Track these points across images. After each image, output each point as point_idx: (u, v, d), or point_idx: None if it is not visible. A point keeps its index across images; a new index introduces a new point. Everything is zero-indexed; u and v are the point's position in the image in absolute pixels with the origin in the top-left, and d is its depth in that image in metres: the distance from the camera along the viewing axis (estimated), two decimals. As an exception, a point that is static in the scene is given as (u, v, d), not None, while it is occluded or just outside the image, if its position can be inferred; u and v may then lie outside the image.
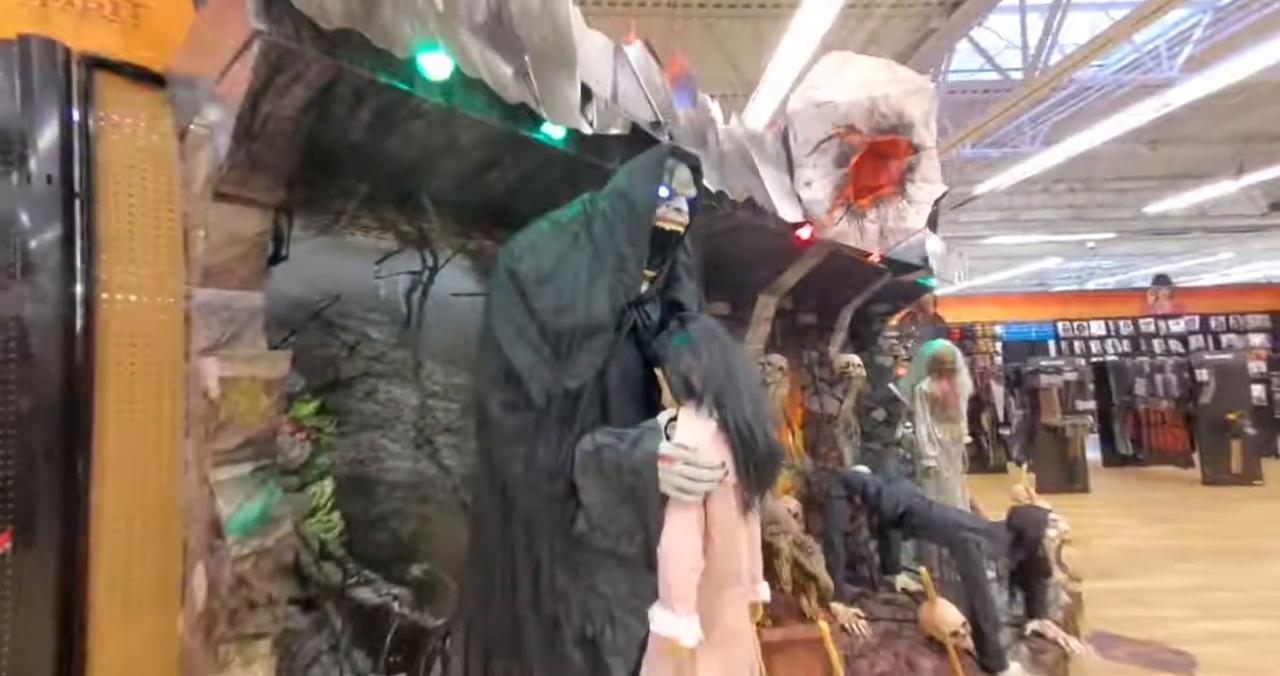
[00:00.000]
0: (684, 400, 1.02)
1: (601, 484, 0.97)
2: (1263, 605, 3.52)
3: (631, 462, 0.95)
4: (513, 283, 1.06)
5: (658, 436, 0.97)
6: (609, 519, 1.00)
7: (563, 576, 1.02)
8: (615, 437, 0.99)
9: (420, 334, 1.63)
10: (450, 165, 1.46)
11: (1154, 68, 4.71)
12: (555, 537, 1.01)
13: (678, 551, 0.94)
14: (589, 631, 1.01)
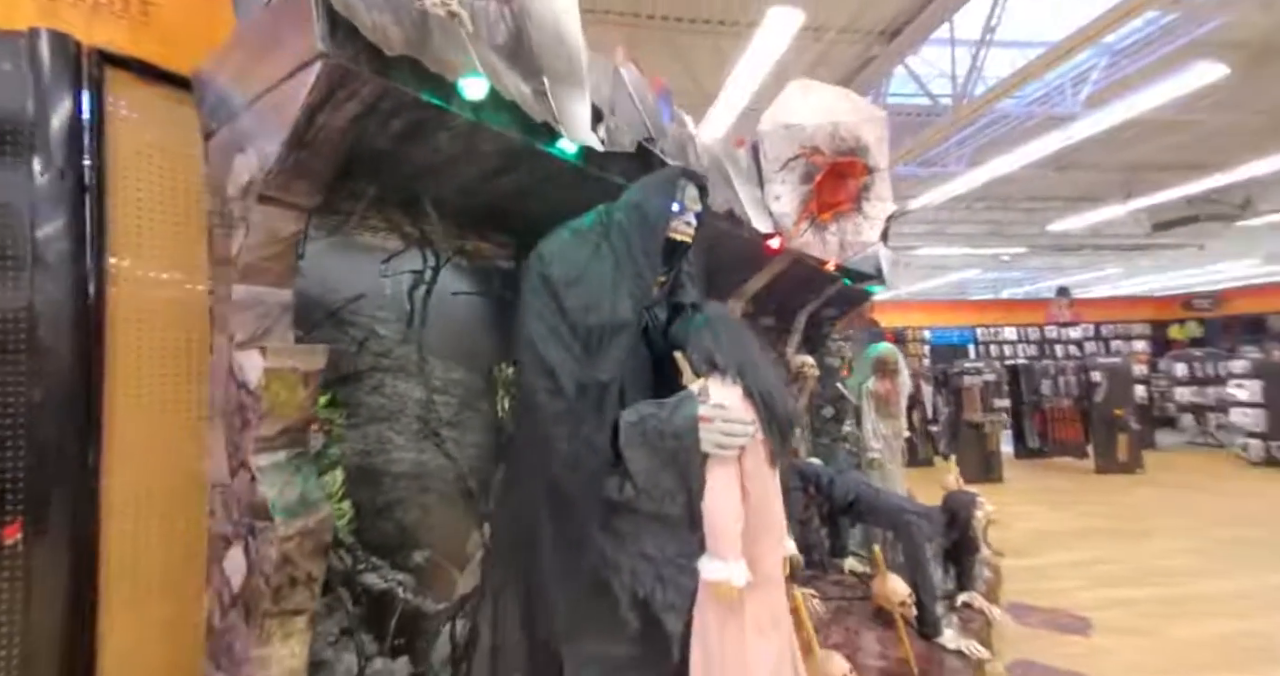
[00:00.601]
0: (708, 373, 1.18)
1: (646, 452, 1.11)
2: (1144, 575, 4.07)
3: (673, 427, 1.10)
4: (545, 287, 1.19)
5: (694, 402, 1.13)
6: (654, 483, 1.13)
7: (610, 547, 1.15)
8: (656, 407, 1.14)
9: (423, 331, 1.71)
10: (461, 172, 1.55)
11: (1060, 102, 5.32)
12: (601, 510, 1.14)
13: (722, 504, 1.09)
14: (640, 593, 1.14)
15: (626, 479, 1.14)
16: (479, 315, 1.88)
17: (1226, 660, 2.78)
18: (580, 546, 1.15)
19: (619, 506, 1.16)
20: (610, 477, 1.14)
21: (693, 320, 1.24)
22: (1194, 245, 10.22)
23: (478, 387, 1.85)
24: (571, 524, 1.16)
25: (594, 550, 1.14)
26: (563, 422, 1.14)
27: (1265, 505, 5.83)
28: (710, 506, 1.11)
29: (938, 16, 4.43)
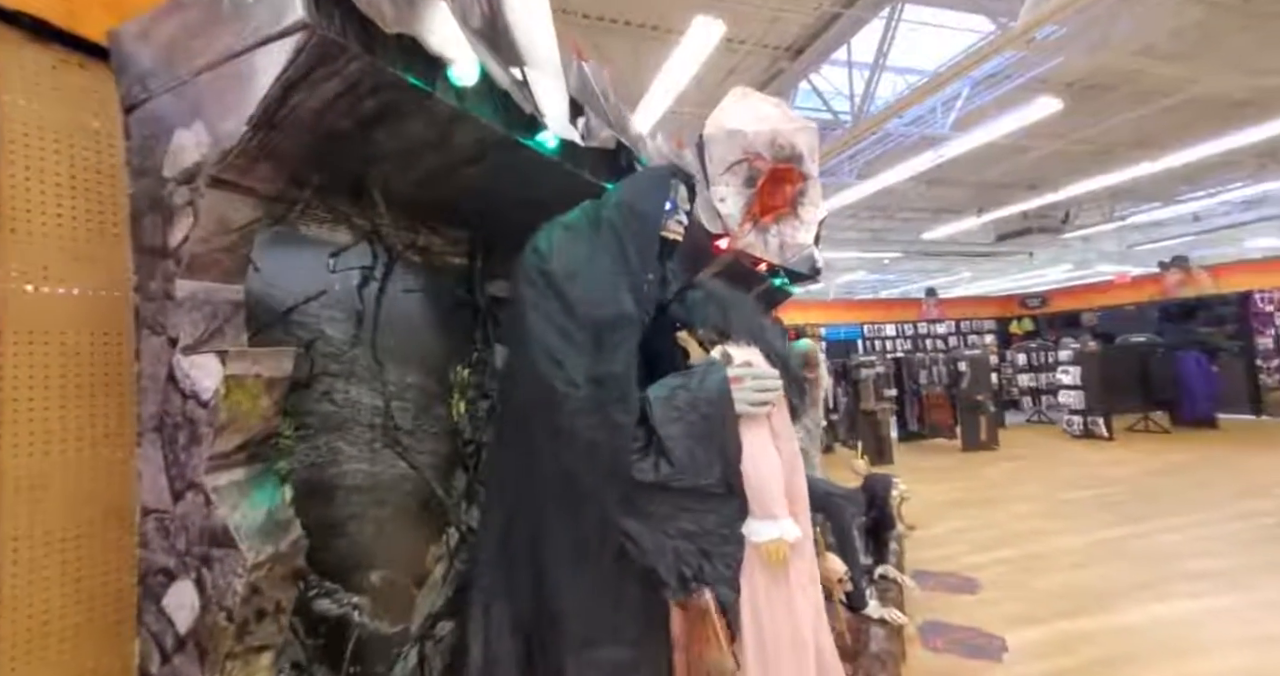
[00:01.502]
0: (719, 341, 1.21)
1: (682, 425, 1.10)
2: (1010, 537, 4.72)
3: (706, 394, 1.10)
4: (547, 282, 1.15)
5: (721, 367, 1.14)
6: (690, 456, 1.12)
7: (645, 533, 1.12)
8: (683, 378, 1.14)
9: (376, 332, 1.58)
10: (424, 162, 1.46)
11: (933, 124, 6.02)
12: (629, 497, 1.12)
13: (763, 464, 1.11)
14: (688, 572, 1.13)
15: (661, 457, 1.13)
16: (432, 314, 1.77)
17: (1078, 604, 3.30)
18: (601, 542, 1.12)
19: (652, 488, 1.13)
20: (642, 460, 1.12)
21: (690, 296, 1.26)
22: (1025, 253, 11.98)
23: (433, 392, 1.74)
24: (588, 520, 1.12)
25: (616, 542, 1.12)
26: (582, 414, 1.10)
27: (1088, 471, 6.99)
28: (752, 468, 1.13)
29: (837, 39, 4.84)
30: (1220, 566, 3.71)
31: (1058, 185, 7.85)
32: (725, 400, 1.12)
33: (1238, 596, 3.26)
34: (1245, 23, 4.67)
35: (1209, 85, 5.53)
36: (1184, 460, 7.20)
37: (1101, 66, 5.18)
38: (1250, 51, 4.96)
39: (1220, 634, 2.83)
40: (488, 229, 1.86)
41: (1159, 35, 4.78)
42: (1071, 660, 2.69)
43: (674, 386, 1.15)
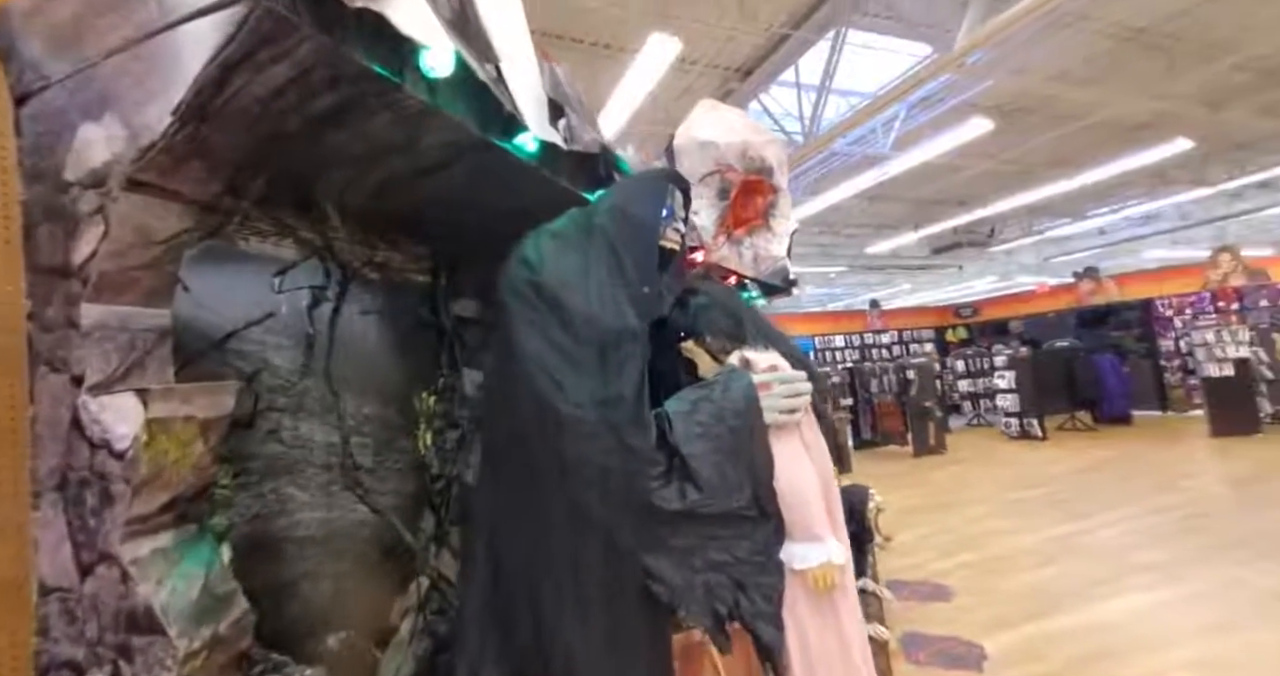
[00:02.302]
0: (734, 346, 1.10)
1: (709, 445, 0.97)
2: (970, 539, 4.84)
3: (732, 403, 0.98)
4: (539, 295, 1.02)
5: (743, 375, 1.02)
6: (720, 476, 0.99)
7: (672, 568, 0.97)
8: (703, 390, 1.02)
9: (330, 359, 1.39)
10: (385, 168, 1.31)
11: (875, 144, 6.29)
12: (651, 530, 0.97)
13: (800, 480, 0.98)
14: (723, 610, 0.98)
15: (686, 482, 1.00)
16: (392, 338, 1.59)
17: (1044, 605, 3.38)
18: (618, 587, 0.97)
19: (676, 518, 0.99)
20: (664, 487, 0.99)
21: (692, 302, 1.15)
22: (956, 266, 12.71)
23: (396, 423, 1.56)
24: (601, 562, 0.97)
25: (636, 586, 0.97)
26: (592, 438, 0.96)
27: (1029, 470, 7.34)
28: (789, 484, 1.00)
29: (784, 61, 4.98)
30: (1157, 559, 3.90)
31: (985, 202, 8.38)
32: (754, 409, 1.01)
33: (1177, 588, 3.41)
34: (1145, 53, 5.14)
35: (1115, 109, 6.05)
36: (1108, 456, 7.68)
37: (1024, 91, 5.57)
38: (1149, 79, 5.46)
39: (1174, 625, 2.94)
40: (453, 243, 1.71)
41: (1072, 62, 5.19)
42: (1047, 664, 2.71)
43: (695, 399, 1.03)
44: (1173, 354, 10.91)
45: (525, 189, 1.46)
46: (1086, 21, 4.74)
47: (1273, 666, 2.38)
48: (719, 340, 1.14)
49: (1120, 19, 4.77)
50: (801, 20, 4.49)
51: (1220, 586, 3.40)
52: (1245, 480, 5.95)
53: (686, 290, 1.26)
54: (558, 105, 1.35)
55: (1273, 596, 3.17)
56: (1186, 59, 5.28)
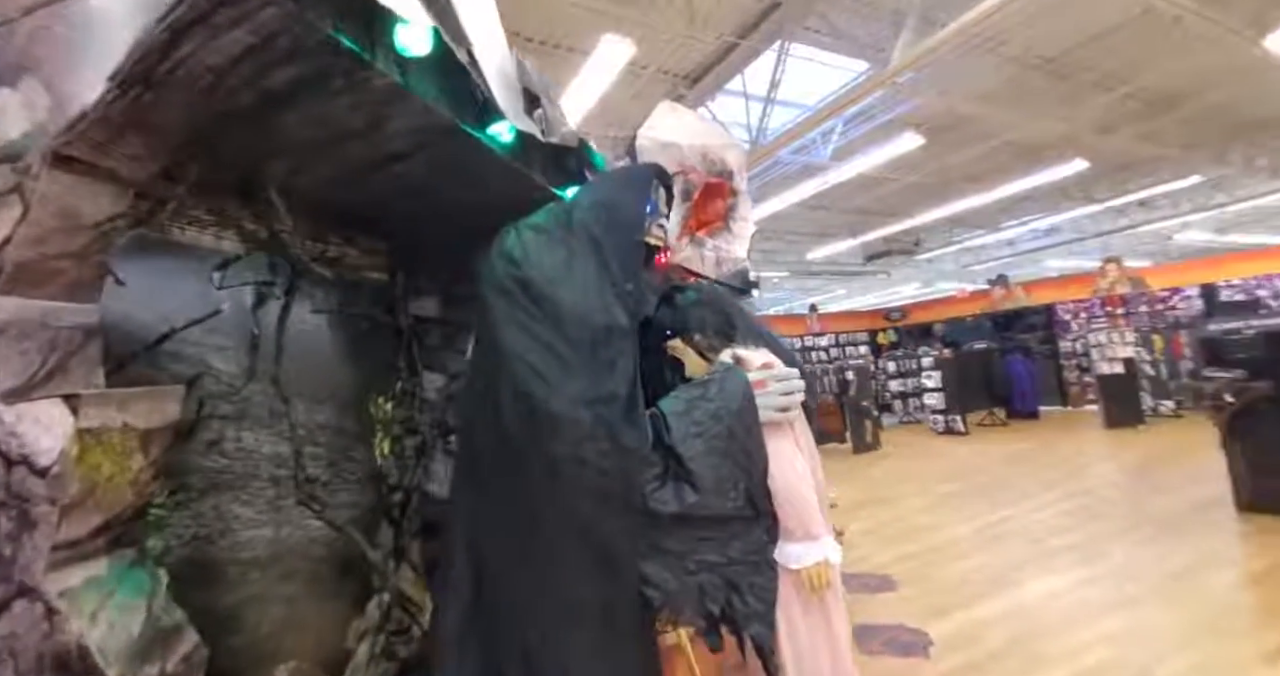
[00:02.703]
0: (724, 344, 1.08)
1: (705, 444, 0.94)
2: (908, 532, 5.09)
3: (728, 403, 0.95)
4: (525, 291, 0.96)
5: (738, 372, 1.00)
6: (716, 476, 0.96)
7: (664, 571, 0.93)
8: (698, 389, 0.98)
9: (279, 363, 1.27)
10: (344, 154, 1.21)
11: (815, 154, 6.56)
12: (651, 534, 0.92)
13: (793, 477, 0.96)
14: (715, 610, 0.94)
15: (683, 482, 0.96)
16: (346, 339, 1.48)
17: (981, 589, 3.60)
18: (617, 598, 0.91)
19: (671, 520, 0.95)
20: (660, 489, 0.94)
21: (680, 299, 1.12)
22: (884, 272, 13.47)
23: (351, 431, 1.45)
24: (597, 571, 0.91)
25: (633, 594, 0.92)
26: (587, 440, 0.91)
27: (956, 464, 7.84)
28: (784, 482, 0.98)
29: (731, 70, 5.10)
30: (1070, 542, 4.26)
31: (911, 213, 8.92)
32: (750, 408, 0.98)
33: (1090, 569, 3.74)
34: (1051, 80, 5.64)
35: (1024, 131, 6.60)
36: (1022, 448, 8.34)
37: (948, 110, 5.98)
38: (1054, 104, 6.00)
39: (1090, 603, 3.21)
40: (412, 239, 1.61)
41: (990, 85, 5.62)
42: (984, 646, 2.88)
43: (691, 398, 1.00)
44: (1071, 354, 12.01)
45: (494, 182, 1.40)
46: (1004, 47, 5.15)
47: (1176, 637, 2.63)
48: (709, 338, 1.13)
49: (1031, 48, 5.21)
50: (749, 30, 4.62)
51: (1124, 566, 3.75)
52: (1136, 468, 6.61)
53: (674, 287, 1.24)
54: (533, 95, 1.29)
55: (1168, 575, 3.52)
56: (1084, 87, 5.85)
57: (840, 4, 4.49)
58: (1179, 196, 9.56)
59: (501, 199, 1.45)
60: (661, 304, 1.21)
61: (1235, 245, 12.10)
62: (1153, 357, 9.98)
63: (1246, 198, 9.14)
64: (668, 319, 1.15)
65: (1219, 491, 4.93)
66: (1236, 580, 3.39)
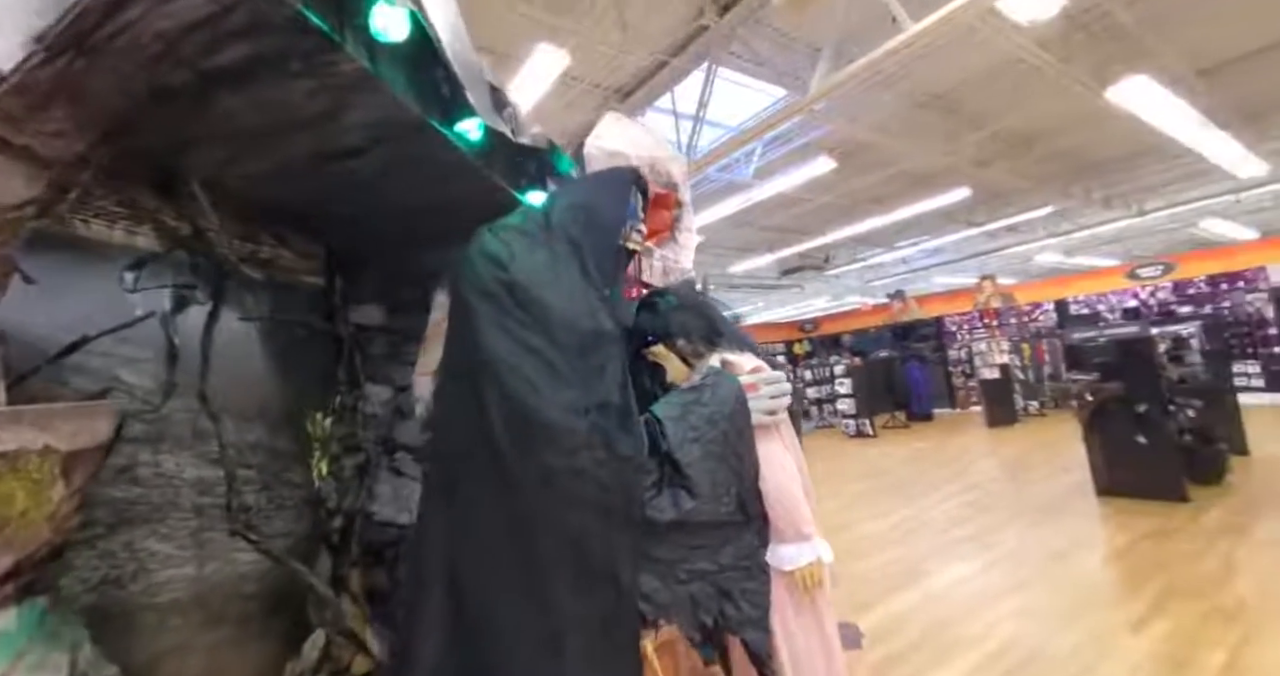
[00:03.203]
0: (709, 349, 1.08)
1: (701, 449, 0.92)
2: (831, 529, 5.30)
3: (722, 407, 0.93)
4: (512, 294, 0.91)
5: (729, 377, 0.99)
6: (711, 481, 0.94)
7: (656, 582, 0.88)
8: (691, 394, 0.96)
9: (203, 376, 1.12)
10: (289, 146, 1.10)
11: (739, 172, 6.87)
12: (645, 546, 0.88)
13: (784, 478, 0.96)
14: (708, 621, 0.90)
15: (679, 489, 0.93)
16: (280, 349, 1.33)
17: (899, 580, 3.86)
18: (615, 618, 0.85)
19: (665, 530, 0.92)
20: (657, 497, 0.91)
21: (661, 303, 1.11)
22: (799, 286, 14.30)
23: (285, 451, 1.30)
24: (594, 589, 0.85)
25: (632, 613, 0.87)
26: (584, 450, 0.86)
27: (866, 464, 8.40)
28: (776, 484, 0.98)
29: (661, 87, 5.24)
30: (969, 532, 4.69)
31: (822, 232, 9.57)
32: (743, 411, 0.99)
33: (988, 555, 4.13)
34: (938, 116, 6.31)
35: (917, 160, 7.31)
36: (922, 448, 9.12)
37: (854, 138, 6.50)
38: (939, 138, 6.70)
39: (993, 586, 3.55)
40: (352, 241, 1.49)
41: (888, 117, 6.18)
42: (907, 634, 3.09)
43: (685, 403, 0.98)
44: (957, 361, 13.35)
45: (453, 183, 1.33)
46: (900, 83, 5.70)
47: (1062, 614, 2.96)
48: (693, 343, 1.13)
49: (922, 86, 5.81)
50: (678, 50, 4.78)
51: (1015, 551, 4.18)
52: (1015, 462, 7.42)
53: (654, 292, 1.23)
54: (500, 93, 1.24)
55: (1050, 557, 3.97)
56: (963, 125, 6.59)
57: (762, 34, 4.77)
58: (1036, 224, 10.99)
59: (457, 201, 1.39)
60: (642, 309, 1.20)
61: (1080, 266, 14.05)
62: (1022, 364, 11.29)
63: (1086, 226, 10.69)
64: (649, 324, 1.14)
65: (1082, 479, 5.63)
66: (1103, 558, 3.89)
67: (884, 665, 2.68)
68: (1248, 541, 3.76)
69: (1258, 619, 2.60)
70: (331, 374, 1.46)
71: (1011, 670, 2.43)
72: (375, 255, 1.52)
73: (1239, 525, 4.09)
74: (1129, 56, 5.26)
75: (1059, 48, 5.00)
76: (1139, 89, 4.84)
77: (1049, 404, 10.82)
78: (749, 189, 6.64)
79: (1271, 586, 2.96)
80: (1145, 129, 6.22)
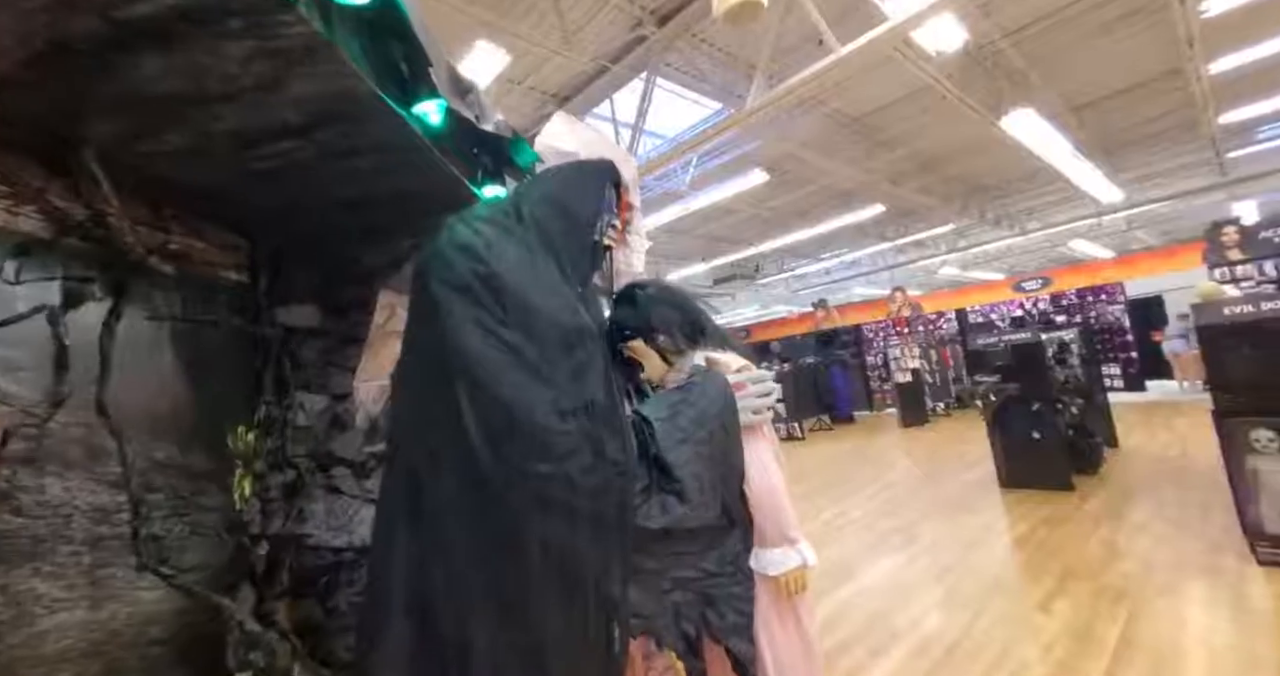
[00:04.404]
0: (691, 346, 1.03)
1: (690, 451, 0.86)
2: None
3: (712, 407, 0.88)
4: (491, 289, 0.82)
5: (718, 376, 0.94)
6: (699, 485, 0.89)
7: (647, 600, 0.81)
8: (678, 395, 0.90)
9: (101, 384, 0.95)
10: (213, 120, 0.97)
11: (675, 182, 6.99)
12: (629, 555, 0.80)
13: (775, 480, 0.92)
14: (692, 630, 0.84)
15: (669, 494, 0.87)
16: (195, 354, 1.16)
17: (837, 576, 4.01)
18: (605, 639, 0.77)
19: (651, 538, 0.86)
20: (645, 503, 0.84)
21: (639, 296, 1.07)
22: (730, 295, 14.74)
23: (200, 470, 1.13)
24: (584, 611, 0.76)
25: (627, 619, 0.80)
26: (574, 456, 0.79)
27: (797, 466, 8.72)
28: (764, 486, 0.93)
29: (599, 93, 5.24)
30: (895, 525, 4.97)
31: (752, 243, 9.93)
32: (731, 411, 0.95)
33: (912, 547, 4.39)
34: (855, 137, 6.74)
35: (838, 177, 7.76)
36: (846, 448, 9.59)
37: (784, 154, 6.80)
38: (858, 157, 7.15)
39: (919, 577, 3.76)
40: (281, 233, 1.34)
41: (812, 136, 6.53)
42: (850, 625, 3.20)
43: (674, 403, 0.93)
44: (874, 366, 14.23)
45: (405, 172, 1.23)
46: (822, 106, 6.04)
47: (980, 598, 3.19)
48: (674, 339, 1.08)
49: (840, 109, 6.19)
50: (618, 57, 4.81)
51: (935, 542, 4.47)
52: (929, 458, 7.97)
53: (632, 284, 1.19)
54: (465, 80, 1.16)
55: (965, 545, 4.27)
56: (877, 146, 7.10)
57: (701, 49, 4.90)
58: (940, 239, 12.00)
59: (408, 193, 1.28)
60: (620, 302, 1.16)
61: (974, 280, 15.49)
62: (930, 368, 12.20)
63: (979, 243, 11.81)
64: (628, 318, 1.09)
65: (986, 473, 6.12)
66: (1009, 544, 4.23)
67: (833, 654, 2.76)
68: (1125, 525, 4.22)
69: (1141, 595, 2.92)
70: (257, 381, 1.30)
71: (942, 655, 2.57)
72: (311, 250, 1.38)
73: (1116, 511, 4.59)
74: (1017, 91, 5.88)
75: (960, 80, 5.50)
76: (1025, 120, 5.41)
77: (953, 405, 11.74)
78: (685, 198, 6.78)
79: (1149, 566, 3.34)
80: (1028, 156, 6.99)
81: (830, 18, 3.75)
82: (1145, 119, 7.06)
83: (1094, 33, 5.16)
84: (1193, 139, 7.80)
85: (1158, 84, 6.19)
